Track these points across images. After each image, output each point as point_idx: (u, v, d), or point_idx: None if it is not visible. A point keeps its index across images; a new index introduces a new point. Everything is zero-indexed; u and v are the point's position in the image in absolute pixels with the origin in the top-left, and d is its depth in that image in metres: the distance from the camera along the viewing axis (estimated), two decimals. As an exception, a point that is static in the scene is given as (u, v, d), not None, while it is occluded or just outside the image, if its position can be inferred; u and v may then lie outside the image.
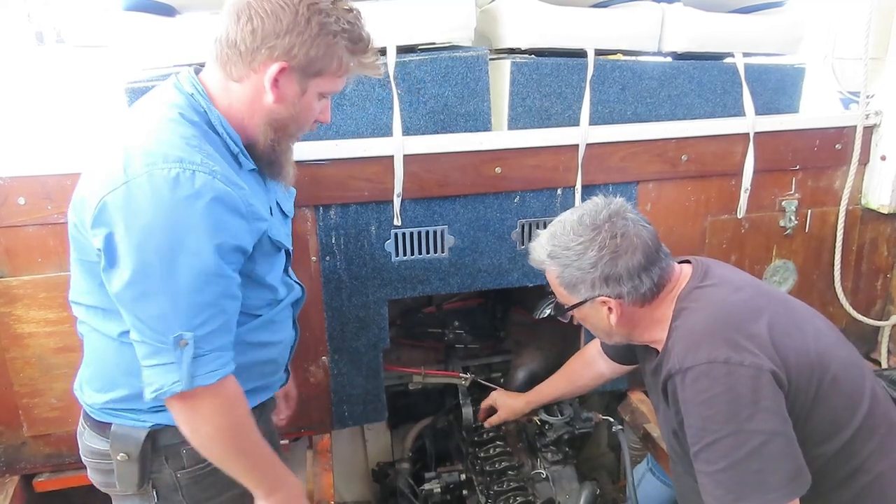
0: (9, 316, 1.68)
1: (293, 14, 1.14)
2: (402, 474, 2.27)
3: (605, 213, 1.36)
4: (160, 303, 1.10)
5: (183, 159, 1.09)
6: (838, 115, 2.31)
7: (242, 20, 1.15)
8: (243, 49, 1.16)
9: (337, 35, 1.18)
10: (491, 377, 2.38)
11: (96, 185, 1.11)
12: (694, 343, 1.27)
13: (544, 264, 1.43)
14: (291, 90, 1.21)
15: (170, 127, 1.15)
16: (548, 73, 1.94)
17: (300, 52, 1.16)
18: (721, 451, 1.20)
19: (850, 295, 2.33)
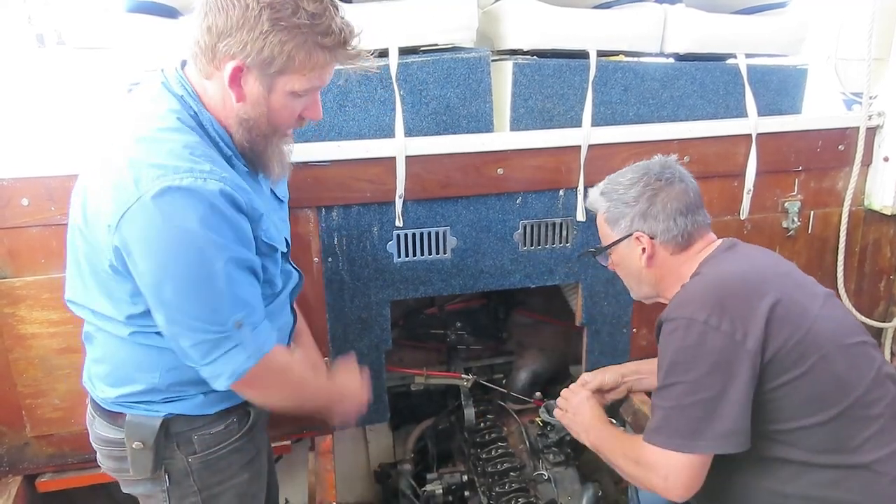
0: (12, 317, 1.68)
1: (243, 9, 1.09)
2: (404, 475, 2.27)
3: (658, 160, 1.52)
4: (208, 301, 1.13)
5: (193, 169, 1.09)
6: (841, 116, 2.31)
7: (201, 16, 1.12)
8: (203, 46, 1.13)
9: (295, 30, 1.11)
10: (493, 378, 2.39)
11: (107, 202, 1.11)
12: (686, 300, 1.38)
13: (596, 203, 1.56)
14: (254, 89, 1.16)
15: (173, 137, 1.14)
16: (550, 74, 1.94)
17: (252, 50, 1.10)
18: (674, 393, 1.33)
19: (853, 296, 2.33)
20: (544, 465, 2.09)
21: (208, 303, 1.13)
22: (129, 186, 1.08)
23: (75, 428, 1.80)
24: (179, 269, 1.11)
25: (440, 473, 2.14)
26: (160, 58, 1.75)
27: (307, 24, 1.11)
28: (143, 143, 1.13)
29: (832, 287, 2.30)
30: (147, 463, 1.31)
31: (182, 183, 1.07)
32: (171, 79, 1.22)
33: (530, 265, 2.02)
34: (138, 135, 1.14)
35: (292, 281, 1.48)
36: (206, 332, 1.15)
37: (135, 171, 1.08)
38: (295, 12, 1.10)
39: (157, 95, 1.21)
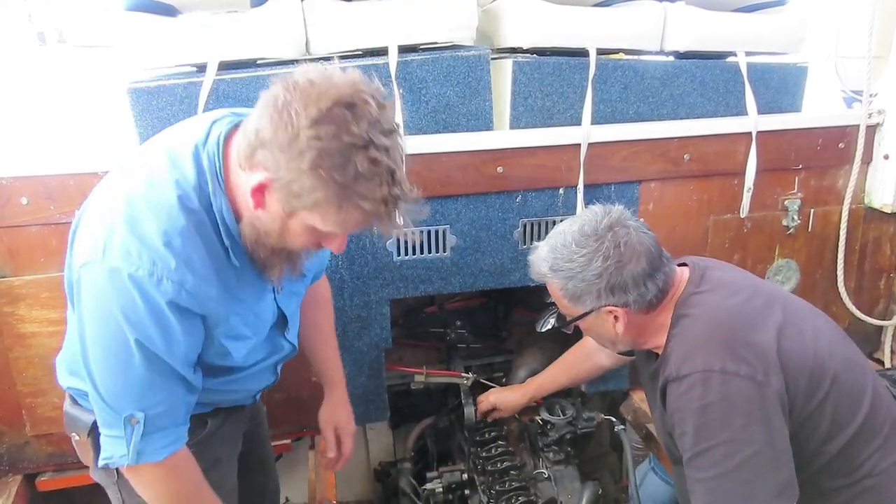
0: (12, 316, 1.68)
1: (292, 136, 0.97)
2: (404, 474, 2.27)
3: (606, 221, 1.34)
4: (115, 381, 1.13)
5: (155, 262, 1.06)
6: (841, 114, 2.31)
7: (257, 113, 1.03)
8: (244, 144, 1.05)
9: (333, 183, 0.97)
10: (493, 377, 2.38)
11: (83, 245, 1.11)
12: (690, 351, 1.27)
13: (546, 277, 1.40)
14: (275, 207, 1.06)
15: (161, 215, 1.08)
16: (549, 73, 1.93)
17: (283, 177, 1.00)
18: (712, 460, 1.21)
19: (853, 294, 2.33)
20: (544, 464, 2.09)
21: (113, 387, 1.13)
22: (99, 247, 1.07)
23: (75, 427, 1.80)
24: (101, 344, 1.11)
25: (440, 472, 2.14)
26: (159, 56, 1.75)
27: (350, 183, 0.98)
28: (130, 210, 1.08)
29: (832, 286, 2.31)
30: (88, 453, 1.33)
31: (136, 273, 1.05)
32: (210, 146, 1.12)
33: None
34: (133, 195, 1.09)
35: (281, 352, 1.43)
36: (104, 408, 1.15)
37: (108, 235, 1.07)
38: (342, 166, 0.97)
39: (182, 154, 1.12)
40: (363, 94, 0.99)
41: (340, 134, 0.96)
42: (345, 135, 0.96)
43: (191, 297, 1.09)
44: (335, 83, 0.99)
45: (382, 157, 0.99)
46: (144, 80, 1.73)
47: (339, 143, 0.96)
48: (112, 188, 1.15)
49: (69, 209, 1.64)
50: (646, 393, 1.61)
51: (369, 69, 1.77)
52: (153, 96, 1.70)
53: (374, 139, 0.98)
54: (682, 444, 1.27)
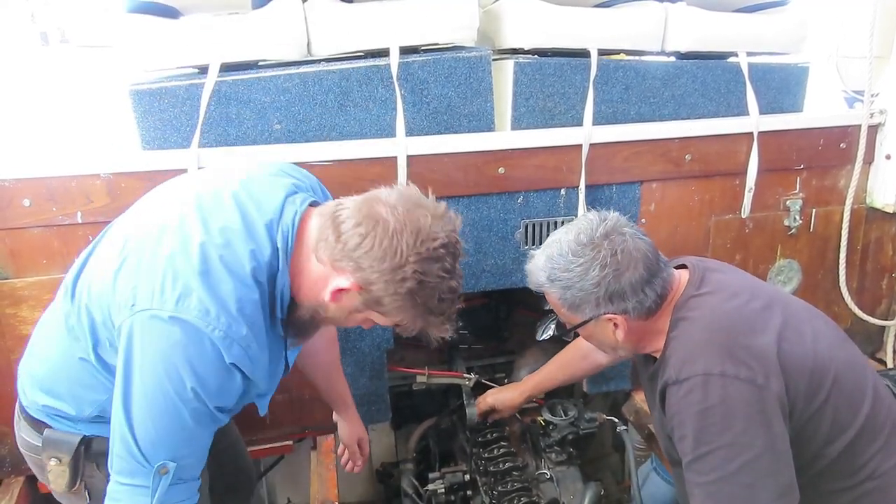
0: (14, 317, 1.68)
1: (397, 265, 1.12)
2: (406, 474, 2.27)
3: (602, 229, 1.33)
4: (157, 431, 1.12)
5: (230, 326, 1.10)
6: (843, 114, 2.31)
7: (361, 228, 1.13)
8: (337, 247, 1.15)
9: (420, 307, 1.18)
10: (495, 377, 2.38)
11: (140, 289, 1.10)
12: (690, 354, 1.27)
13: (543, 287, 1.39)
14: (348, 304, 1.21)
15: (237, 281, 1.13)
16: (551, 74, 1.93)
17: (376, 291, 1.15)
18: (713, 463, 1.20)
19: (855, 294, 2.32)
20: (546, 465, 2.09)
21: (154, 435, 1.13)
22: (168, 295, 1.08)
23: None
24: (151, 392, 1.11)
25: (442, 473, 2.14)
26: (161, 57, 1.76)
27: (433, 307, 1.18)
28: (205, 266, 1.11)
29: (834, 286, 2.31)
30: (63, 479, 1.30)
31: (213, 333, 1.09)
32: (284, 224, 1.20)
33: (532, 264, 2.02)
34: (208, 251, 1.12)
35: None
36: (132, 455, 1.13)
37: (184, 289, 1.09)
38: (432, 295, 1.17)
39: (257, 226, 1.18)
40: (453, 231, 1.19)
41: (438, 270, 1.15)
42: (441, 271, 1.15)
43: (251, 363, 1.15)
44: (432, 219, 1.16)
45: (457, 284, 1.20)
46: (146, 81, 1.73)
47: (436, 278, 1.15)
48: (173, 233, 1.14)
49: (71, 211, 1.64)
50: (645, 395, 1.61)
51: (371, 70, 1.78)
52: (155, 98, 1.70)
53: (455, 270, 1.19)
54: (681, 447, 1.26)
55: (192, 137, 1.69)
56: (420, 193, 1.22)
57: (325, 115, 1.80)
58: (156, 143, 1.73)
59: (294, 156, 1.74)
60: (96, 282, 1.19)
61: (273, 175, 1.31)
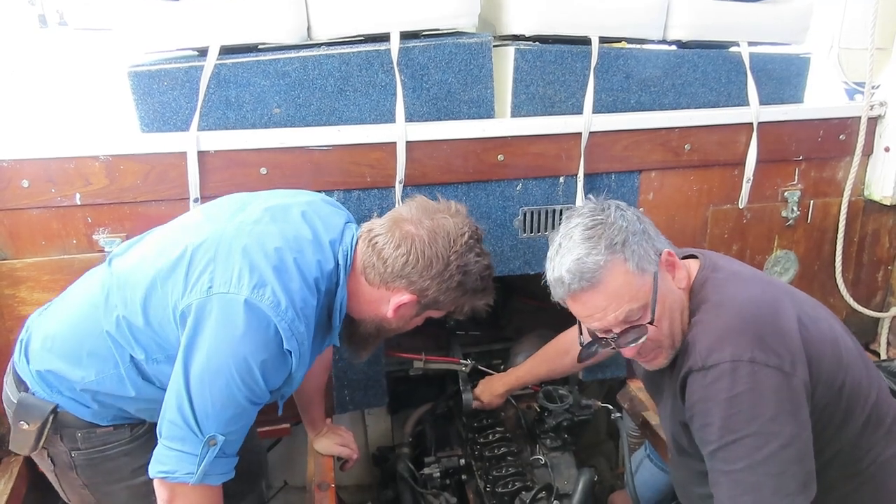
0: (13, 298, 1.69)
1: (443, 266, 1.31)
2: (402, 459, 2.28)
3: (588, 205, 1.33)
4: (214, 404, 1.21)
5: (294, 319, 1.23)
6: (843, 106, 2.31)
7: (401, 249, 1.31)
8: (386, 271, 1.33)
9: (468, 291, 1.37)
10: (491, 364, 2.39)
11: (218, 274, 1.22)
12: (717, 341, 1.23)
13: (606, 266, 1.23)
14: (409, 313, 1.40)
15: (304, 283, 1.27)
16: (551, 61, 1.93)
17: (431, 295, 1.34)
18: (741, 452, 1.18)
19: (850, 286, 2.34)
20: (541, 450, 2.11)
21: (211, 407, 1.21)
22: (245, 282, 1.21)
23: (76, 408, 1.82)
24: (214, 366, 1.20)
25: (438, 457, 2.16)
26: (161, 39, 1.75)
27: (479, 287, 1.39)
28: (279, 263, 1.25)
29: (830, 277, 2.32)
30: (27, 442, 1.36)
31: (280, 324, 1.21)
32: (344, 245, 1.37)
33: (530, 252, 2.03)
34: (283, 249, 1.27)
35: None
36: (186, 423, 1.21)
37: (257, 277, 1.21)
38: (476, 279, 1.36)
39: (323, 242, 1.34)
40: (472, 222, 1.39)
41: (475, 258, 1.35)
42: (476, 257, 1.35)
43: (299, 357, 1.27)
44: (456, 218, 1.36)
45: (489, 260, 1.40)
46: (145, 63, 1.73)
47: (476, 265, 1.35)
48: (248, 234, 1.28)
49: (70, 192, 1.64)
50: (651, 382, 1.58)
51: (371, 55, 1.77)
52: (154, 80, 1.70)
53: (485, 251, 1.39)
54: (704, 434, 1.23)
55: (190, 120, 1.69)
56: (430, 201, 1.39)
57: (325, 100, 1.80)
58: (154, 125, 1.73)
59: (293, 140, 1.74)
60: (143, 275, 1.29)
61: (330, 204, 1.50)
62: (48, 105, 2.60)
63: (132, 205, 1.70)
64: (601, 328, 1.30)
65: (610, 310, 1.25)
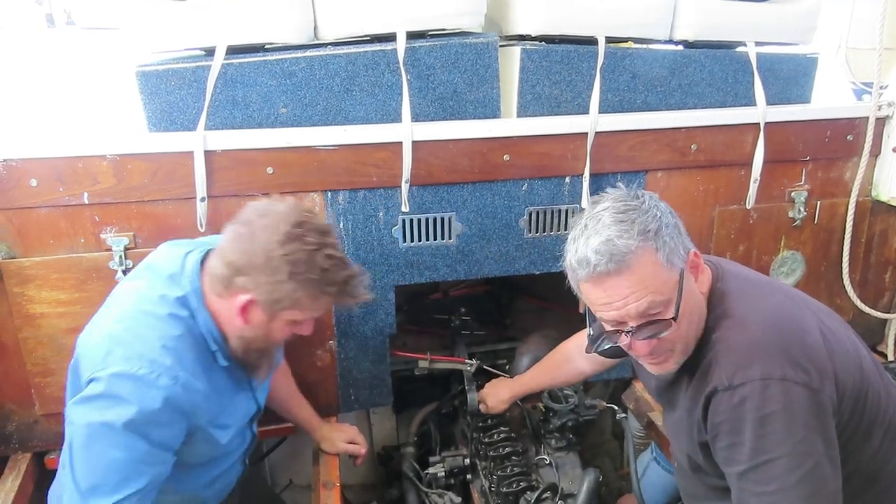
0: (21, 296, 1.70)
1: (265, 257, 1.26)
2: (407, 458, 2.29)
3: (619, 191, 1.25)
4: (92, 467, 1.23)
5: (154, 361, 1.25)
6: (850, 106, 2.29)
7: (228, 254, 1.30)
8: (220, 275, 1.31)
9: (307, 282, 1.29)
10: (496, 363, 2.39)
11: (85, 361, 1.29)
12: (744, 358, 1.19)
13: (636, 252, 1.15)
14: (258, 317, 1.34)
15: (155, 325, 1.30)
16: (558, 61, 1.93)
17: (265, 291, 1.29)
18: (773, 473, 1.15)
19: (857, 287, 2.33)
20: (546, 450, 2.11)
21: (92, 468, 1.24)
22: (99, 358, 1.25)
23: (83, 406, 1.83)
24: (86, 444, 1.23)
25: (443, 456, 2.16)
26: (168, 39, 1.76)
27: (319, 277, 1.30)
28: (125, 322, 1.30)
29: (837, 278, 2.31)
30: None
31: (138, 371, 1.23)
32: (187, 272, 1.36)
33: (535, 252, 2.03)
34: (126, 311, 1.32)
35: (246, 442, 1.63)
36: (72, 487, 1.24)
37: (108, 347, 1.26)
38: (310, 268, 1.28)
39: (164, 281, 1.36)
40: (303, 212, 1.32)
41: (302, 246, 1.27)
42: (305, 245, 1.27)
43: (185, 389, 1.28)
44: (281, 210, 1.30)
45: (334, 252, 1.32)
46: (153, 63, 1.74)
47: (304, 252, 1.27)
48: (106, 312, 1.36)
49: (77, 191, 1.65)
50: (659, 396, 1.54)
51: (377, 55, 1.78)
52: (162, 80, 1.71)
53: (324, 241, 1.30)
54: (731, 454, 1.19)
55: (197, 120, 1.69)
56: (270, 201, 1.34)
57: (331, 100, 1.80)
58: (161, 125, 1.74)
59: (299, 139, 1.75)
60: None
61: (169, 247, 1.47)
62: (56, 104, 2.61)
63: (139, 204, 1.70)
64: (616, 318, 1.20)
65: (632, 298, 1.17)
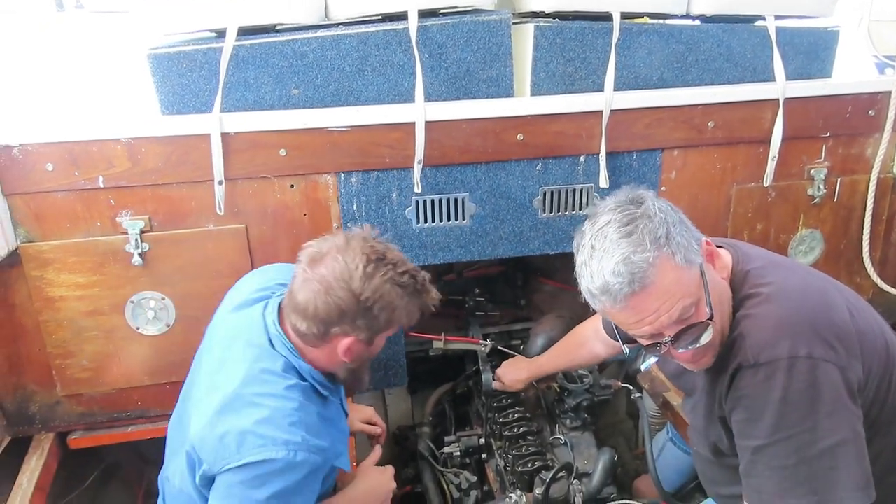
0: (40, 280, 1.72)
1: (356, 305, 1.33)
2: (423, 437, 2.31)
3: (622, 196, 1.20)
4: None
5: (288, 442, 1.30)
6: (872, 81, 2.24)
7: (309, 312, 1.34)
8: (312, 333, 1.37)
9: (401, 307, 1.38)
10: (511, 344, 2.40)
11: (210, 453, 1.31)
12: (772, 336, 1.17)
13: (655, 264, 1.11)
14: (361, 349, 1.43)
15: (274, 405, 1.34)
16: (572, 38, 1.90)
17: (366, 328, 1.38)
18: (793, 448, 1.14)
19: (878, 265, 2.29)
20: (561, 430, 2.12)
21: None
22: (231, 447, 1.29)
23: (103, 388, 1.86)
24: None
25: (458, 436, 2.17)
26: (179, 21, 1.75)
27: (406, 296, 1.38)
28: (245, 410, 1.32)
29: (857, 256, 2.27)
30: None
31: (276, 456, 1.28)
32: (274, 338, 1.43)
33: (550, 232, 2.01)
34: (240, 398, 1.34)
35: None
36: None
37: (240, 437, 1.29)
38: (396, 293, 1.36)
39: (260, 354, 1.41)
40: (361, 243, 1.37)
41: (382, 279, 1.34)
42: (384, 277, 1.35)
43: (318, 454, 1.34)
44: (342, 248, 1.35)
45: (405, 265, 1.39)
46: (164, 45, 1.73)
47: (387, 283, 1.35)
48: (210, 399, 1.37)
49: (93, 175, 1.66)
50: (678, 382, 1.54)
51: (389, 34, 1.76)
52: (173, 62, 1.70)
53: (393, 261, 1.38)
54: (749, 429, 1.19)
55: (209, 102, 1.69)
56: (314, 246, 1.39)
57: (343, 80, 1.79)
58: (174, 107, 1.74)
59: (312, 121, 1.74)
60: None
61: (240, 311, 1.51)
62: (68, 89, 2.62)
63: (154, 187, 1.71)
64: (651, 332, 1.17)
65: (663, 310, 1.13)
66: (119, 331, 1.80)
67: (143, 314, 1.80)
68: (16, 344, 1.78)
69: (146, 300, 1.79)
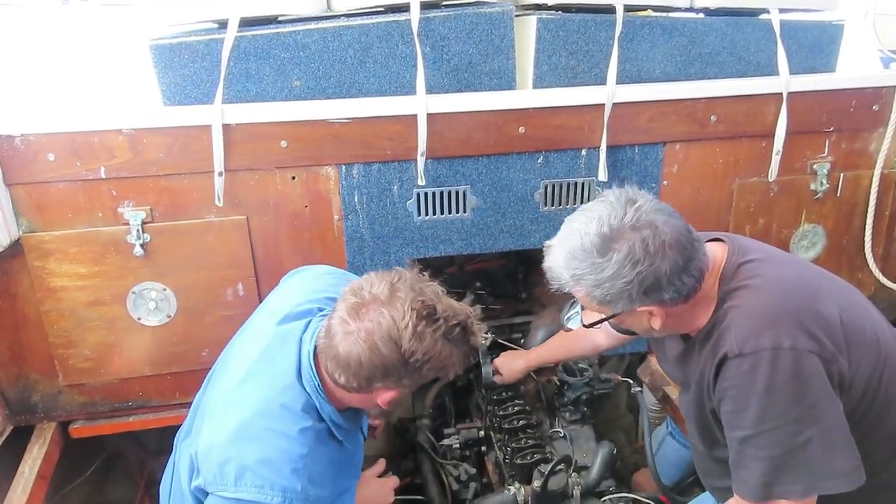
0: (42, 270, 1.73)
1: (401, 362, 1.25)
2: (423, 430, 2.32)
3: (629, 218, 1.19)
4: None
5: (286, 489, 1.25)
6: (877, 75, 2.23)
7: (352, 365, 1.26)
8: (354, 385, 1.29)
9: (445, 356, 1.29)
10: (511, 337, 2.40)
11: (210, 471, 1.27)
12: (756, 326, 1.19)
13: (567, 287, 1.26)
14: (402, 393, 1.36)
15: (283, 447, 1.28)
16: (575, 30, 1.89)
17: (410, 382, 1.32)
18: (777, 439, 1.16)
19: (880, 261, 2.28)
20: (560, 423, 2.12)
21: None
22: (229, 477, 1.25)
23: (105, 378, 1.87)
24: None
25: (458, 429, 2.18)
26: (183, 12, 1.75)
27: (452, 346, 1.29)
28: (251, 444, 1.27)
29: (859, 252, 2.27)
30: None
31: (270, 501, 1.24)
32: (304, 373, 1.35)
33: (551, 225, 2.01)
34: (251, 429, 1.29)
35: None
36: None
37: (238, 470, 1.25)
38: (443, 346, 1.27)
39: (284, 387, 1.34)
40: (418, 298, 1.26)
41: (431, 337, 1.25)
42: (434, 334, 1.26)
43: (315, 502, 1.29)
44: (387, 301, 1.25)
45: (450, 315, 1.29)
46: (166, 36, 1.73)
47: (436, 341, 1.26)
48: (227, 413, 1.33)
49: (94, 166, 1.66)
50: (673, 372, 1.56)
51: (391, 26, 1.75)
52: (175, 53, 1.70)
53: (447, 318, 1.28)
54: (736, 420, 1.21)
55: (211, 93, 1.69)
56: (356, 293, 1.30)
57: (345, 72, 1.79)
58: (176, 98, 1.74)
59: (313, 113, 1.74)
60: None
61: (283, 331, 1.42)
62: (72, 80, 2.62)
63: (155, 178, 1.71)
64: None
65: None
66: (120, 321, 1.81)
67: (145, 305, 1.81)
68: (18, 333, 1.79)
69: (147, 291, 1.79)
